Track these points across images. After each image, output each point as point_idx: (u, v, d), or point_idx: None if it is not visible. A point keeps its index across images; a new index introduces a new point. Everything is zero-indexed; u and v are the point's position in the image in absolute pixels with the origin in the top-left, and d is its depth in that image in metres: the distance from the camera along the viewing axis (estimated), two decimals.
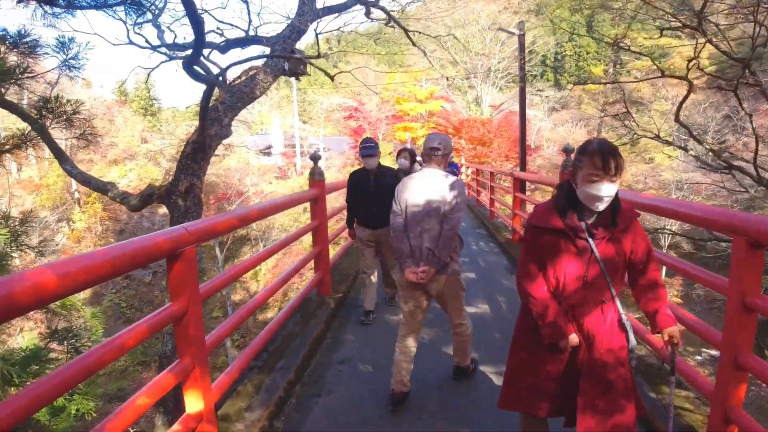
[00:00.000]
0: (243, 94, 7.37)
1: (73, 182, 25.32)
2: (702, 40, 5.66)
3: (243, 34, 7.78)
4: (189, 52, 7.74)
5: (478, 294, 5.37)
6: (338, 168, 32.02)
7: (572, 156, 3.25)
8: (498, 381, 3.20)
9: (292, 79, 29.22)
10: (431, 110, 31.72)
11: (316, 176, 4.62)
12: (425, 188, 2.86)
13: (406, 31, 8.74)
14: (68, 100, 5.35)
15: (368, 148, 4.34)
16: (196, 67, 6.39)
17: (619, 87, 25.49)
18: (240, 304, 20.11)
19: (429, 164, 2.94)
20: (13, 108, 5.37)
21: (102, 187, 7.88)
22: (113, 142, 30.39)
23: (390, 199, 3.08)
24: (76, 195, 24.82)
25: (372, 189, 4.39)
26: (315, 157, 4.70)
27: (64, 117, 5.31)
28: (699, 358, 14.35)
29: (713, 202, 18.02)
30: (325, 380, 3.40)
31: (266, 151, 36.52)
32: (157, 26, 7.82)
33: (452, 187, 2.83)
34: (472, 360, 3.35)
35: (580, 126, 35.24)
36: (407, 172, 4.98)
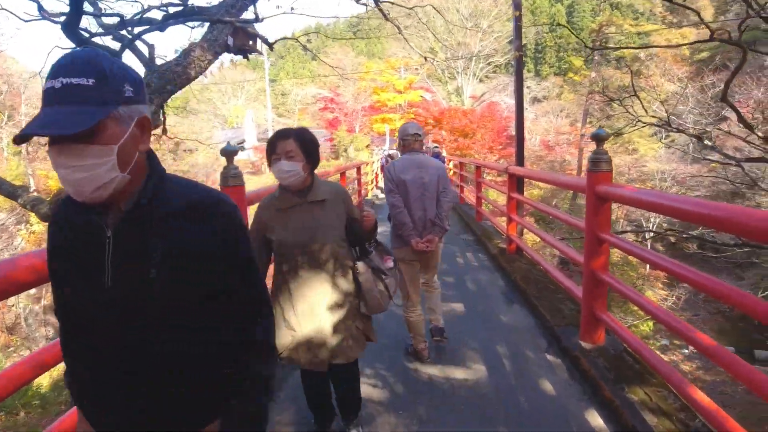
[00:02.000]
0: (174, 74, 5.89)
1: (32, 181, 23.78)
2: None
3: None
4: (115, 20, 6.30)
5: (467, 342, 3.66)
6: None
7: (603, 146, 3.06)
8: None
9: (267, 68, 27.65)
10: (410, 101, 30.41)
11: (228, 180, 2.88)
12: (421, 168, 3.24)
13: (376, 1, 7.35)
14: None
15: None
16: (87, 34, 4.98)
17: (600, 78, 24.75)
18: None
19: (411, 149, 3.34)
20: None
21: (12, 193, 6.59)
22: None
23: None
24: (35, 195, 22.81)
25: (110, 285, 0.93)
26: (228, 152, 2.83)
27: None
28: (686, 351, 13.60)
29: (696, 194, 18.11)
30: None
31: (239, 146, 35.00)
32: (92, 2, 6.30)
33: (439, 166, 3.33)
34: None
35: (562, 117, 34.44)
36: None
